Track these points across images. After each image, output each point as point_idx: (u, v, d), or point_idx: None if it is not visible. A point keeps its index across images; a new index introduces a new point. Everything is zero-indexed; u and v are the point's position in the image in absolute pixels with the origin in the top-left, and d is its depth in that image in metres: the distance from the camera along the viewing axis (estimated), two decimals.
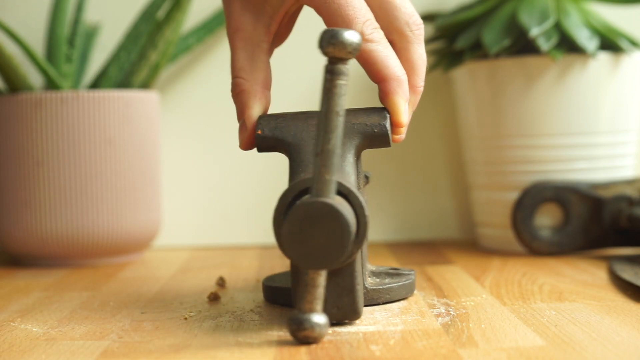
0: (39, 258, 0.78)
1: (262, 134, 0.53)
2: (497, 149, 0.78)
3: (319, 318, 0.47)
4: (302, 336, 0.47)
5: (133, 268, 0.76)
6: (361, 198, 0.48)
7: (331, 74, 0.46)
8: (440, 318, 0.52)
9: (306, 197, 0.47)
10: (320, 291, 0.47)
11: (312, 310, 0.47)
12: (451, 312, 0.54)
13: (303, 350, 0.46)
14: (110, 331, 0.51)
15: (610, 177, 0.77)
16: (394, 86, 0.53)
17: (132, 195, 0.77)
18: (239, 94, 0.57)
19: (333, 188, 0.46)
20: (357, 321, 0.52)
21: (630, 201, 0.74)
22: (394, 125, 0.53)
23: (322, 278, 0.46)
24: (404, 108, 0.53)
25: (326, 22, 0.54)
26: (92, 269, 0.75)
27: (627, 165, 0.79)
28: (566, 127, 0.76)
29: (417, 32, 0.54)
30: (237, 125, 0.90)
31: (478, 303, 0.57)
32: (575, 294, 0.59)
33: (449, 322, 0.51)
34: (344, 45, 0.45)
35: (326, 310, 0.50)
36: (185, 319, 0.54)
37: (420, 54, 0.55)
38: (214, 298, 0.59)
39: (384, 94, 0.53)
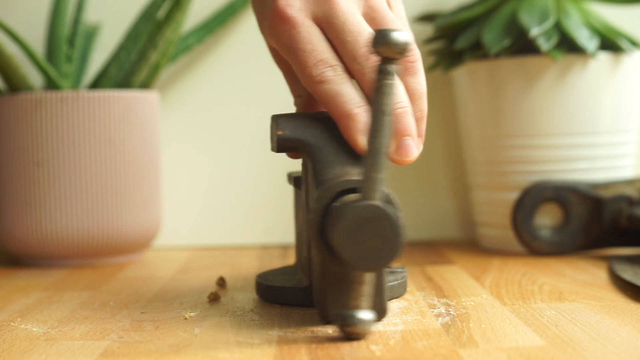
0: (39, 258, 0.78)
1: (283, 135, 0.53)
2: (497, 149, 0.78)
3: (364, 314, 0.47)
4: (348, 332, 0.48)
5: (133, 268, 0.76)
6: (396, 199, 0.48)
7: (381, 74, 0.47)
8: (440, 318, 0.52)
9: (351, 197, 0.47)
10: (365, 288, 0.47)
11: (357, 307, 0.47)
12: (451, 312, 0.54)
13: (303, 350, 0.46)
14: (110, 331, 0.51)
15: (610, 177, 0.77)
16: (345, 123, 0.52)
17: (132, 195, 0.77)
18: (295, 103, 0.61)
19: (381, 187, 0.46)
20: None
21: (630, 201, 0.74)
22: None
23: (367, 275, 0.47)
24: (359, 140, 0.52)
25: (293, 68, 0.55)
26: (92, 269, 0.75)
27: (627, 165, 0.79)
28: (566, 127, 0.76)
29: (368, 62, 0.53)
30: (236, 124, 0.90)
31: (478, 303, 0.57)
32: (575, 294, 0.59)
33: (449, 322, 0.51)
34: (392, 45, 0.46)
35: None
36: (185, 319, 0.54)
37: (331, 90, 0.53)
38: (214, 298, 0.59)
39: (342, 133, 0.53)
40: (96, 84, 0.81)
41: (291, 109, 0.63)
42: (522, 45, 0.76)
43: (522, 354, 0.44)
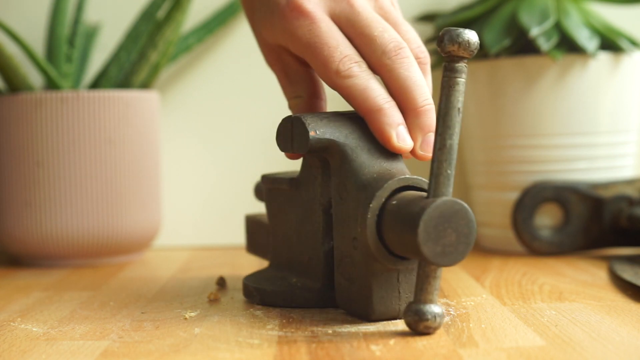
0: (39, 258, 0.78)
1: (316, 135, 0.52)
2: (497, 149, 0.78)
3: (438, 309, 0.48)
4: (423, 327, 0.48)
5: (133, 268, 0.76)
6: None
7: (453, 72, 0.48)
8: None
9: (411, 194, 0.48)
10: (439, 283, 0.48)
11: (432, 302, 0.48)
12: (451, 312, 0.54)
13: (303, 350, 0.46)
14: (110, 331, 0.51)
15: (610, 177, 0.77)
16: (376, 117, 0.52)
17: (132, 195, 0.77)
18: (294, 107, 0.59)
19: (452, 183, 0.47)
20: (358, 321, 0.52)
21: (630, 201, 0.74)
22: (395, 152, 0.53)
23: (441, 270, 0.48)
24: (391, 134, 0.52)
25: (312, 66, 0.55)
26: (92, 269, 0.75)
27: (627, 165, 0.79)
28: (566, 127, 0.76)
29: (397, 57, 0.53)
30: (236, 124, 0.90)
31: (478, 303, 0.57)
32: (575, 294, 0.59)
33: (449, 322, 0.51)
34: (467, 44, 0.47)
35: (398, 306, 0.51)
36: (185, 319, 0.54)
37: (407, 76, 0.53)
38: (214, 298, 0.59)
39: (370, 127, 0.53)
40: (96, 84, 0.81)
41: (284, 109, 0.63)
42: (522, 45, 0.76)
43: (522, 354, 0.44)
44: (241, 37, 0.89)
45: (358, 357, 0.45)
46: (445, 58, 0.48)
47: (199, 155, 0.89)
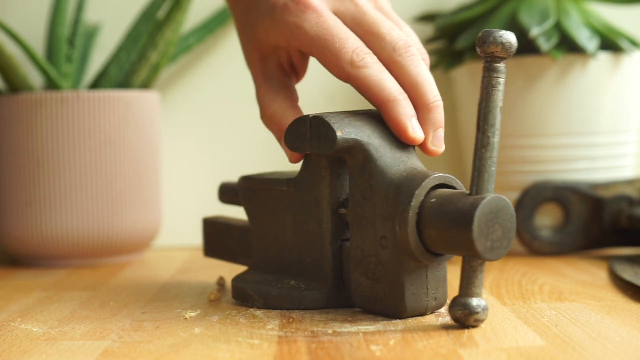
0: (39, 258, 0.78)
1: (343, 135, 0.52)
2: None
3: (484, 302, 0.50)
4: (473, 320, 0.49)
5: (133, 268, 0.76)
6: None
7: (495, 72, 0.49)
8: (440, 318, 0.52)
9: (447, 192, 0.50)
10: (483, 276, 0.50)
11: (479, 295, 0.49)
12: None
13: (303, 350, 0.46)
14: (110, 331, 0.51)
15: (610, 177, 0.77)
16: (392, 107, 0.53)
17: (132, 195, 0.77)
18: (272, 115, 0.57)
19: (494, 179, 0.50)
20: (358, 321, 0.52)
21: (630, 201, 0.75)
22: (409, 143, 0.53)
23: (485, 264, 0.50)
24: (407, 124, 0.53)
25: (319, 61, 0.55)
26: (92, 269, 0.75)
27: (627, 165, 0.79)
28: (566, 127, 0.76)
29: (407, 55, 0.54)
30: (236, 124, 0.90)
31: None
32: (575, 294, 0.59)
33: (449, 322, 0.51)
34: (509, 45, 0.49)
35: (426, 302, 0.52)
36: (186, 319, 0.54)
37: (417, 73, 0.54)
38: (214, 298, 0.59)
39: (385, 117, 0.53)
40: (96, 84, 0.81)
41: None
42: (522, 45, 0.76)
43: (522, 354, 0.44)
44: None
45: (358, 357, 0.45)
46: (486, 58, 0.49)
47: (199, 155, 0.89)
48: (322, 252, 0.55)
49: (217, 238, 0.64)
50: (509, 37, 0.49)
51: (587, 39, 0.75)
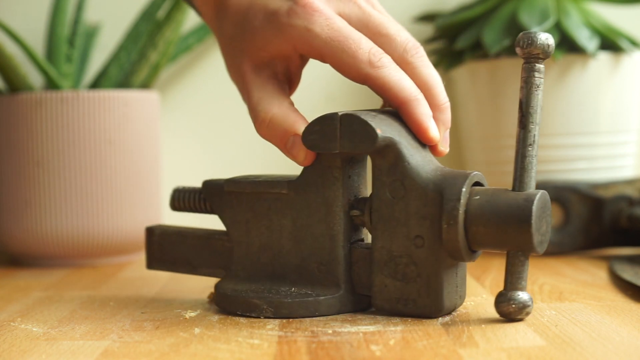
0: (39, 258, 0.78)
1: (382, 134, 0.51)
2: (497, 149, 0.78)
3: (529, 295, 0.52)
4: (525, 313, 0.51)
5: (133, 268, 0.76)
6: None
7: (538, 72, 0.51)
8: (440, 318, 0.52)
9: (488, 189, 0.51)
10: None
11: (525, 289, 0.51)
12: (451, 312, 0.54)
13: (303, 350, 0.46)
14: (110, 331, 0.51)
15: (610, 177, 0.77)
16: (414, 106, 0.53)
17: (132, 195, 0.77)
18: (272, 119, 0.55)
19: None
20: (358, 321, 0.52)
21: (630, 201, 0.74)
22: (427, 143, 0.53)
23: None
24: (429, 124, 0.53)
25: (332, 64, 0.54)
26: (92, 269, 0.75)
27: (627, 165, 0.79)
28: (566, 127, 0.76)
29: (418, 55, 0.54)
30: (236, 124, 0.90)
31: (478, 303, 0.57)
32: (575, 294, 0.59)
33: (449, 322, 0.51)
34: (548, 47, 0.50)
35: (455, 300, 0.53)
36: (186, 319, 0.54)
37: (429, 73, 0.54)
38: (214, 298, 0.59)
39: (406, 116, 0.53)
40: (96, 84, 0.81)
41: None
42: None
43: (522, 354, 0.44)
44: None
45: (358, 357, 0.45)
46: (529, 59, 0.51)
47: (199, 155, 0.89)
48: (333, 255, 0.54)
49: (168, 248, 0.60)
50: (550, 40, 0.50)
51: (587, 39, 0.75)
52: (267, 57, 0.56)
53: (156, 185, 0.81)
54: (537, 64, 0.51)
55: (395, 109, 0.54)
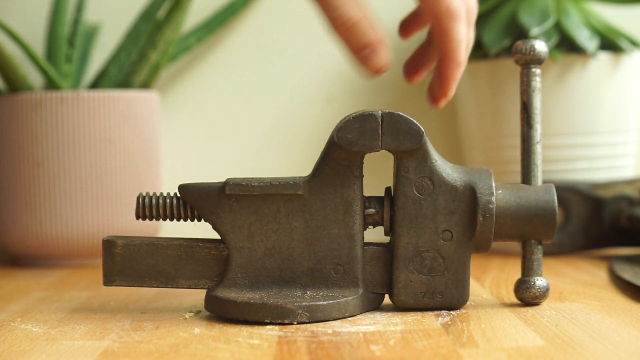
0: (39, 258, 0.78)
1: (424, 132, 0.54)
2: (497, 149, 0.78)
3: None
4: (546, 297, 0.56)
5: None
6: None
7: (537, 76, 0.56)
8: (440, 318, 0.52)
9: (515, 185, 0.55)
10: None
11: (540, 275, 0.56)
12: (451, 312, 0.54)
13: (303, 350, 0.46)
14: (110, 331, 0.51)
15: (610, 177, 0.77)
16: (452, 68, 0.57)
17: (132, 195, 0.77)
18: (357, 23, 0.55)
19: None
20: (358, 321, 0.52)
21: (630, 201, 0.74)
22: (441, 93, 0.58)
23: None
24: (453, 87, 0.58)
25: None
26: (92, 269, 0.75)
27: (627, 165, 0.79)
28: (566, 127, 0.76)
29: (455, 13, 0.56)
30: (236, 124, 0.90)
31: (478, 303, 0.57)
32: (575, 294, 0.59)
33: (449, 322, 0.51)
34: (544, 53, 0.56)
35: (469, 290, 0.55)
36: (185, 319, 0.54)
37: (459, 33, 0.57)
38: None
39: (441, 71, 0.57)
40: (96, 84, 0.81)
41: (288, 110, 0.63)
42: None
43: (522, 354, 0.44)
44: (241, 38, 0.89)
45: (358, 357, 0.45)
46: (527, 65, 0.56)
47: (198, 155, 0.89)
48: (352, 255, 0.54)
49: (135, 260, 0.55)
50: (545, 47, 0.56)
51: (587, 39, 0.75)
52: None
53: (156, 185, 0.80)
54: (536, 69, 0.55)
55: (440, 52, 0.58)
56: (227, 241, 0.55)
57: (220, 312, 0.53)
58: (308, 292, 0.54)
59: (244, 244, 0.54)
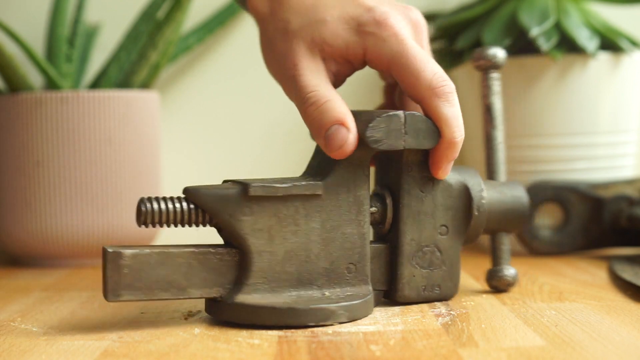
0: (39, 258, 0.78)
1: None
2: None
3: None
4: (515, 285, 0.60)
5: None
6: None
7: (497, 81, 0.62)
8: (440, 318, 0.52)
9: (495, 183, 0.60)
10: None
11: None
12: (451, 312, 0.54)
13: (303, 350, 0.46)
14: (110, 331, 0.51)
15: (610, 177, 0.77)
16: (444, 148, 0.55)
17: (132, 195, 0.77)
18: (327, 103, 0.55)
19: None
20: (358, 321, 0.52)
21: (630, 201, 0.74)
22: (433, 173, 0.56)
23: None
24: (447, 168, 0.56)
25: (397, 77, 0.55)
26: (92, 269, 0.75)
27: (627, 165, 0.79)
28: (566, 127, 0.76)
29: (441, 89, 0.55)
30: (236, 124, 0.90)
31: (478, 303, 0.57)
32: (575, 294, 0.59)
33: (449, 322, 0.51)
34: (502, 59, 0.61)
35: (458, 286, 0.58)
36: (186, 319, 0.54)
37: (447, 110, 0.55)
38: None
39: (435, 156, 0.55)
40: (96, 84, 0.81)
41: (288, 110, 0.63)
42: (522, 45, 0.76)
43: (522, 354, 0.44)
44: (241, 37, 0.89)
45: (358, 357, 0.45)
46: (487, 71, 0.61)
47: (198, 155, 0.89)
48: (362, 254, 0.54)
49: (145, 272, 0.51)
50: (502, 52, 0.61)
51: (587, 39, 0.75)
52: (329, 51, 0.57)
53: (156, 185, 0.80)
54: (495, 73, 0.61)
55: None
56: (246, 245, 0.52)
57: (248, 319, 0.51)
58: (325, 292, 0.54)
59: (264, 247, 0.52)
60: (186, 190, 0.53)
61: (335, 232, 0.54)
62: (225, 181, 0.54)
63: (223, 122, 0.89)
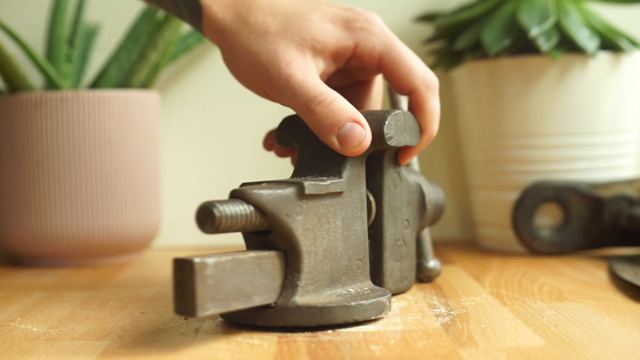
0: (39, 258, 0.78)
1: None
2: (497, 149, 0.78)
3: None
4: (439, 274, 0.64)
5: (133, 268, 0.76)
6: None
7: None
8: (440, 318, 0.52)
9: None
10: None
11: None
12: (451, 312, 0.54)
13: (303, 350, 0.46)
14: (110, 331, 0.51)
15: (610, 177, 0.77)
16: (424, 142, 0.59)
17: (132, 195, 0.77)
18: (334, 102, 0.54)
19: None
20: (358, 320, 0.52)
21: (630, 201, 0.74)
22: (401, 160, 0.59)
23: None
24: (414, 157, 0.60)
25: (387, 70, 0.58)
26: (92, 269, 0.75)
27: (627, 165, 0.79)
28: (566, 127, 0.76)
29: (433, 83, 0.58)
30: (236, 124, 0.90)
31: (478, 303, 0.57)
32: (575, 294, 0.59)
33: (449, 322, 0.51)
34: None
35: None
36: (186, 319, 0.54)
37: (436, 105, 0.59)
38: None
39: (413, 148, 0.59)
40: (96, 84, 0.81)
41: (288, 110, 0.63)
42: (522, 45, 0.76)
43: (522, 354, 0.44)
44: None
45: (358, 357, 0.45)
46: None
47: (199, 155, 0.89)
48: (366, 249, 0.55)
49: (223, 282, 0.47)
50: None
51: (587, 39, 0.75)
52: (319, 49, 0.56)
53: (156, 186, 0.81)
54: None
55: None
56: (298, 245, 0.51)
57: (315, 320, 0.50)
58: (348, 289, 0.53)
59: (310, 247, 0.51)
60: (241, 192, 0.50)
61: (350, 229, 0.54)
62: (255, 182, 0.52)
63: (223, 122, 0.89)
